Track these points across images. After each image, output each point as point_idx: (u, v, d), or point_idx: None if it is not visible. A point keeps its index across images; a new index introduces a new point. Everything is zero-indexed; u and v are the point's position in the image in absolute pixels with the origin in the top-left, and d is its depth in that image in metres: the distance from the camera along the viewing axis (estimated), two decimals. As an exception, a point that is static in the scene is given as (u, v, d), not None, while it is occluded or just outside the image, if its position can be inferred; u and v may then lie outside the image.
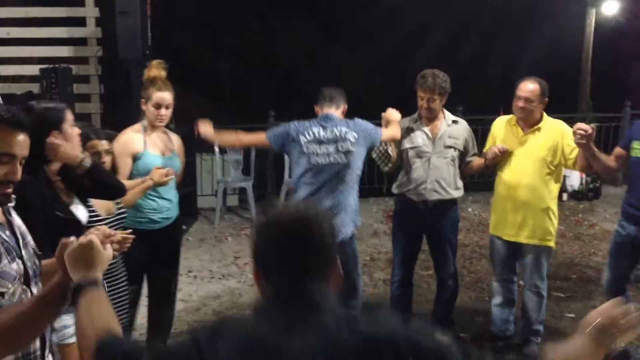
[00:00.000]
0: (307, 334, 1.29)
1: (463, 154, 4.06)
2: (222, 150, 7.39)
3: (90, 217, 2.79)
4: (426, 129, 3.98)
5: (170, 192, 3.66)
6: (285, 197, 7.23)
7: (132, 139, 3.52)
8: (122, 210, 3.16)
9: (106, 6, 6.26)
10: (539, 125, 3.85)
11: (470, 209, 7.56)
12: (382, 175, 8.38)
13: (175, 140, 3.78)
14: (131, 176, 3.48)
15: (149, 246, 3.48)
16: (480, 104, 9.08)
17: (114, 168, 3.21)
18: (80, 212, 2.71)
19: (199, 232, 6.89)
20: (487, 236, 6.52)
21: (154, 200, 3.57)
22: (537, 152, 3.83)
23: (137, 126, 3.60)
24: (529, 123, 3.86)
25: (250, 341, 1.30)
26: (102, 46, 6.51)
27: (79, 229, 2.58)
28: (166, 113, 3.56)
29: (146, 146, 3.53)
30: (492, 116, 7.92)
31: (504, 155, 3.88)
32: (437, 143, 3.97)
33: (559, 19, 11.66)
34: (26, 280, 1.79)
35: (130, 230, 2.22)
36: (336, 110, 3.79)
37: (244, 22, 13.20)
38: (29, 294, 1.77)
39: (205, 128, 3.85)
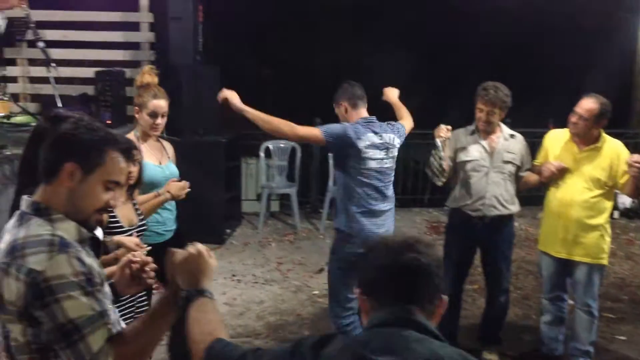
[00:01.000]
0: (415, 355, 1.33)
1: (518, 169, 3.98)
2: (267, 155, 7.44)
3: (114, 227, 2.76)
4: (484, 143, 3.90)
5: (171, 203, 3.51)
6: (330, 205, 7.23)
7: None
8: (143, 222, 3.07)
9: (160, 11, 6.39)
10: (597, 144, 3.75)
11: (516, 223, 7.33)
12: (425, 185, 8.33)
13: (169, 147, 3.68)
14: None
15: (155, 260, 3.20)
16: (528, 116, 8.92)
17: (139, 180, 3.04)
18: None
19: (242, 236, 6.94)
20: (535, 251, 6.42)
21: (157, 213, 3.43)
22: (592, 171, 3.74)
23: (130, 135, 3.45)
24: (585, 140, 3.77)
25: (355, 354, 1.34)
26: (154, 51, 6.64)
27: (98, 245, 2.59)
28: (161, 122, 3.43)
29: (143, 157, 3.33)
30: (540, 130, 7.83)
31: (561, 174, 3.79)
32: (495, 158, 3.89)
33: (610, 30, 11.39)
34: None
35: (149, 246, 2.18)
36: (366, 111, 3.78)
37: (291, 29, 13.28)
38: (116, 314, 1.82)
39: (231, 95, 3.60)
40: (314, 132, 3.63)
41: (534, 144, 4.22)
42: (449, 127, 3.85)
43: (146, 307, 3.03)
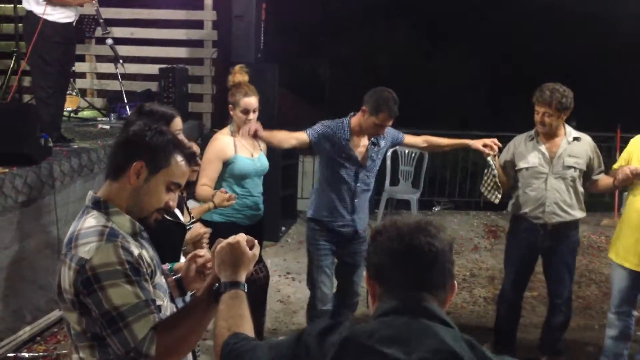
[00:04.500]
0: (421, 348, 1.27)
1: (587, 173, 3.82)
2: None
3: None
4: (543, 148, 3.77)
5: (259, 189, 3.85)
6: (386, 205, 7.19)
7: (226, 144, 3.68)
8: (193, 221, 3.21)
9: (223, 10, 6.49)
10: None
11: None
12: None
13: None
14: (224, 179, 3.67)
15: None
16: (595, 118, 8.63)
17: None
18: (179, 214, 2.79)
19: (298, 234, 6.95)
20: (597, 260, 6.24)
21: (246, 198, 3.75)
22: None
23: (226, 130, 3.76)
24: None
25: (359, 344, 1.29)
26: (217, 48, 6.74)
27: (183, 231, 2.66)
28: (253, 117, 3.65)
29: (237, 150, 3.69)
30: (608, 133, 7.54)
31: (636, 177, 3.57)
32: (556, 163, 3.75)
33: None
34: (170, 295, 1.88)
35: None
36: None
37: (347, 29, 13.28)
38: (175, 309, 1.86)
39: (258, 126, 3.53)
40: None
41: (599, 149, 4.05)
42: (495, 141, 3.77)
43: None
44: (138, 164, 1.71)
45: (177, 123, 2.65)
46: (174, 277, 2.05)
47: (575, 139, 3.79)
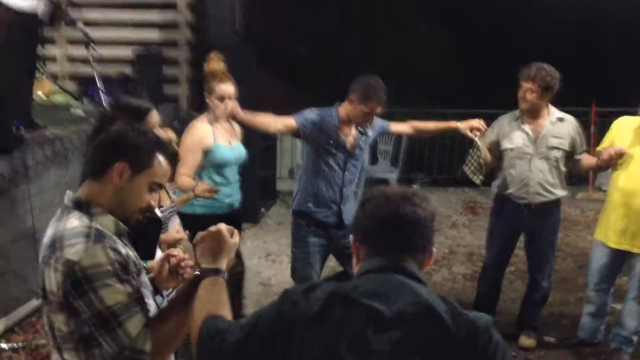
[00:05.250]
0: (400, 301, 1.39)
1: (571, 153, 3.84)
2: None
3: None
4: (527, 128, 3.79)
5: (236, 177, 3.84)
6: (365, 184, 7.21)
7: (205, 133, 3.62)
8: (173, 206, 3.18)
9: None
10: None
11: (554, 205, 7.29)
12: (460, 165, 8.17)
13: (238, 128, 3.86)
14: (203, 168, 3.63)
15: None
16: (567, 96, 8.69)
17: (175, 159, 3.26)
18: (157, 210, 2.75)
19: (277, 215, 6.95)
20: (573, 233, 6.35)
21: (225, 186, 3.70)
22: None
23: (204, 118, 3.69)
24: None
25: (343, 296, 1.40)
26: (192, 30, 6.64)
27: (159, 227, 2.63)
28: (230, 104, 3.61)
29: (215, 139, 3.65)
30: (581, 108, 7.61)
31: (620, 158, 3.61)
32: (540, 143, 3.77)
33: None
34: (153, 293, 1.89)
35: None
36: None
37: (324, 6, 13.14)
38: (156, 308, 1.86)
39: (235, 107, 3.62)
40: None
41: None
42: (481, 122, 3.75)
43: None
44: (120, 164, 1.69)
45: (154, 117, 2.61)
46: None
47: (559, 119, 3.82)
